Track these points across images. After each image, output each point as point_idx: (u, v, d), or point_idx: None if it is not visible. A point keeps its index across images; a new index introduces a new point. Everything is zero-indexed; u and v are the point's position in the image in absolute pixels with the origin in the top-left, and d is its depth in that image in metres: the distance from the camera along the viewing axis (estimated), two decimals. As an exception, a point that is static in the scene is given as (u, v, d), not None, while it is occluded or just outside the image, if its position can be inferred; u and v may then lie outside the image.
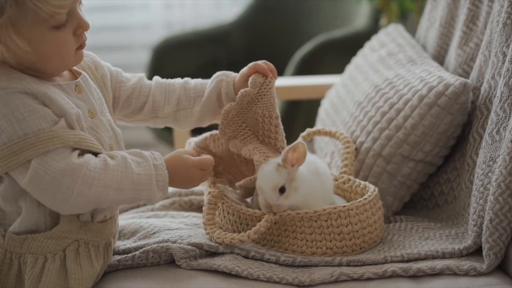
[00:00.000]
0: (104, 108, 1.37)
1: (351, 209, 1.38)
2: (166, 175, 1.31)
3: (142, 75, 1.50)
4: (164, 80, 1.51)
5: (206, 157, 1.37)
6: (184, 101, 1.48)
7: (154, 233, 1.43)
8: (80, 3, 1.29)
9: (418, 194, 1.63)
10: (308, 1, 3.25)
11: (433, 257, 1.36)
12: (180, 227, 1.45)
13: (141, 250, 1.35)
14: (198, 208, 1.65)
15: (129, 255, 1.36)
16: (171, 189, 1.70)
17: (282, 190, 1.36)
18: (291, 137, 1.48)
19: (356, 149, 1.61)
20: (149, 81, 1.49)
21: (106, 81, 1.42)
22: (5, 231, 1.30)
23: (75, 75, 1.36)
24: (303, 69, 2.75)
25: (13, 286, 1.30)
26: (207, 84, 1.49)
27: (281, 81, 2.48)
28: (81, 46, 1.30)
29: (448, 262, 1.33)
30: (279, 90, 2.36)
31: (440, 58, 1.77)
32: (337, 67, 2.53)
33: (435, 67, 1.64)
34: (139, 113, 1.48)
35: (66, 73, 1.36)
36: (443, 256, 1.36)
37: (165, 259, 1.36)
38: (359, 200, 1.40)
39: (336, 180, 1.53)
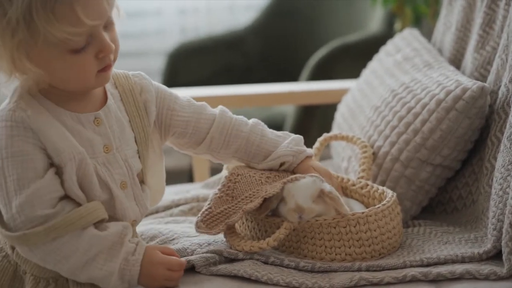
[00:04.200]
0: (123, 142, 1.32)
1: (370, 216, 1.38)
2: (136, 271, 1.26)
3: (204, 105, 1.42)
4: (229, 117, 1.42)
5: (175, 258, 1.31)
6: (243, 153, 1.42)
7: (173, 239, 1.44)
8: (110, 23, 1.24)
9: (436, 199, 1.62)
10: (322, 6, 3.26)
11: (453, 262, 1.36)
12: (200, 234, 1.45)
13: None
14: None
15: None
16: (189, 195, 1.72)
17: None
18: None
19: (373, 153, 1.61)
20: (211, 113, 1.41)
21: (149, 106, 1.35)
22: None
23: (106, 96, 1.32)
24: (318, 74, 2.75)
25: None
26: (272, 145, 1.42)
27: (296, 86, 2.49)
28: (105, 68, 1.25)
29: (468, 267, 1.32)
30: (295, 95, 2.38)
31: (456, 62, 1.77)
32: (352, 72, 2.53)
33: (452, 71, 1.64)
34: (194, 148, 1.42)
35: (99, 91, 1.32)
36: (462, 260, 1.36)
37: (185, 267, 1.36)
38: (377, 206, 1.40)
39: (353, 185, 1.53)
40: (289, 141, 1.44)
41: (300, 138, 1.46)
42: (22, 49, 1.19)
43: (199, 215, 1.39)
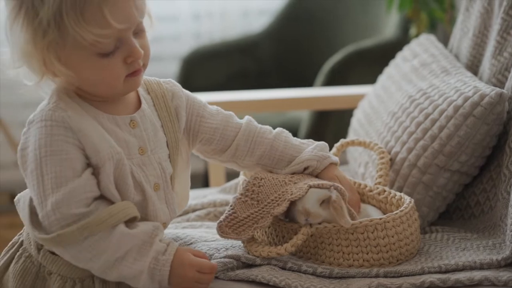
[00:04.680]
0: (157, 145, 1.34)
1: (388, 222, 1.37)
2: (166, 271, 1.26)
3: (231, 114, 1.44)
4: (255, 126, 1.44)
5: (206, 261, 1.31)
6: (267, 159, 1.43)
7: (191, 243, 1.44)
8: (141, 31, 1.26)
9: (453, 205, 1.62)
10: (337, 11, 3.26)
11: (471, 268, 1.35)
12: (217, 238, 1.45)
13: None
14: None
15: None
16: (206, 200, 1.72)
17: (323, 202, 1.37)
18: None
19: (390, 159, 1.61)
20: (237, 122, 1.43)
21: (180, 112, 1.38)
22: (42, 245, 1.31)
23: (140, 102, 1.34)
24: (333, 79, 2.75)
25: None
26: (296, 150, 1.43)
27: (312, 92, 2.49)
28: (134, 73, 1.27)
29: (486, 273, 1.32)
30: (310, 100, 2.38)
31: (473, 68, 1.77)
32: (367, 77, 2.53)
33: (470, 77, 1.64)
34: (219, 155, 1.44)
35: (133, 96, 1.34)
36: (481, 267, 1.35)
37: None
38: (395, 212, 1.40)
39: (371, 191, 1.53)
40: (313, 147, 1.45)
41: (325, 144, 1.46)
42: (53, 50, 1.22)
43: (223, 220, 1.38)
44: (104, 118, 1.29)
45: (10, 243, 1.37)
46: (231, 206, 1.40)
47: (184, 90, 1.41)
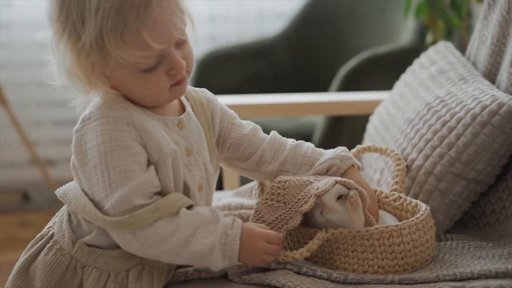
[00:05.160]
0: (202, 147, 1.38)
1: (404, 228, 1.37)
2: (236, 245, 1.29)
3: (258, 127, 1.49)
4: (279, 137, 1.49)
5: (273, 232, 1.34)
6: (289, 164, 1.45)
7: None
8: (182, 42, 1.29)
9: (469, 213, 1.62)
10: (353, 16, 3.26)
11: (486, 277, 1.35)
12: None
13: (194, 268, 1.37)
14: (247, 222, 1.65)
15: (182, 270, 1.38)
16: (221, 203, 1.72)
17: (339, 197, 1.37)
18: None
19: (407, 166, 1.61)
20: (263, 135, 1.48)
21: (215, 117, 1.43)
22: (76, 239, 1.33)
23: (183, 107, 1.38)
24: (348, 85, 2.75)
25: None
26: (318, 154, 1.46)
27: (326, 97, 2.49)
28: (178, 83, 1.30)
29: (502, 282, 1.31)
30: (324, 105, 2.38)
31: (491, 76, 1.76)
32: (382, 83, 2.53)
33: (488, 86, 1.64)
34: (244, 162, 1.47)
35: (176, 102, 1.38)
36: (496, 276, 1.35)
37: (218, 275, 1.37)
38: (411, 219, 1.40)
39: (386, 197, 1.53)
40: (335, 149, 1.47)
41: (345, 148, 1.48)
42: (97, 70, 1.27)
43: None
44: (154, 118, 1.32)
45: (39, 235, 1.39)
46: (256, 211, 1.40)
47: (217, 99, 1.46)
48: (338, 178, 1.37)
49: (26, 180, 3.40)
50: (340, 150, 1.47)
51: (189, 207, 1.32)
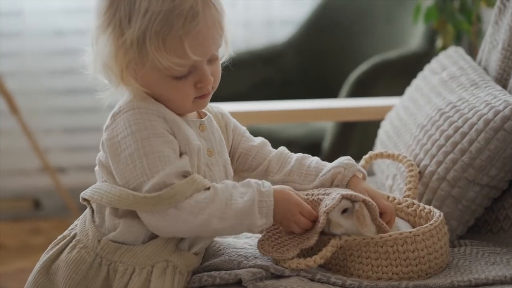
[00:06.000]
0: (223, 149, 1.44)
1: (417, 235, 1.37)
2: (271, 202, 1.33)
3: (267, 141, 1.54)
4: (287, 151, 1.53)
5: (309, 206, 1.38)
6: (295, 175, 1.48)
7: (220, 250, 1.45)
8: (215, 59, 1.35)
9: (482, 218, 1.61)
10: (362, 22, 3.25)
11: (501, 283, 1.34)
12: (245, 247, 1.46)
13: (208, 274, 1.37)
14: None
15: (196, 276, 1.38)
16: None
17: (344, 211, 1.37)
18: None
19: (419, 172, 1.61)
20: (271, 149, 1.53)
21: (228, 129, 1.49)
22: (101, 236, 1.36)
23: (201, 115, 1.43)
24: (358, 91, 2.75)
25: None
26: (323, 165, 1.48)
27: (336, 103, 2.49)
28: (202, 96, 1.36)
29: (517, 288, 1.32)
30: (334, 111, 2.37)
31: (503, 81, 1.76)
32: (392, 89, 2.53)
33: (500, 91, 1.64)
34: (251, 173, 1.51)
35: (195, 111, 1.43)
36: (511, 281, 1.34)
37: (232, 281, 1.37)
38: (425, 226, 1.40)
39: (399, 203, 1.53)
40: (339, 159, 1.48)
41: (349, 157, 1.49)
42: (131, 68, 1.32)
43: (265, 239, 1.40)
44: (177, 118, 1.36)
45: (61, 236, 1.42)
46: (275, 226, 1.40)
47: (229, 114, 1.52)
48: (344, 192, 1.37)
49: (37, 187, 3.41)
50: (344, 158, 1.48)
51: None
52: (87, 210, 1.41)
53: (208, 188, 1.33)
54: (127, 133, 1.32)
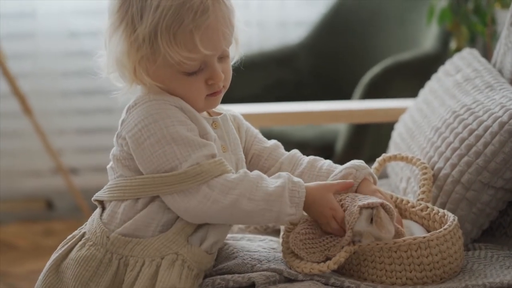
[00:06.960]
0: (238, 148, 1.45)
1: (432, 240, 1.36)
2: (303, 192, 1.34)
3: (280, 144, 1.55)
4: (299, 154, 1.53)
5: (342, 211, 1.38)
6: (307, 177, 1.48)
7: (233, 253, 1.44)
8: (225, 56, 1.37)
9: (496, 221, 1.60)
10: (375, 23, 3.24)
11: (517, 287, 1.34)
12: (259, 250, 1.45)
13: (221, 277, 1.37)
14: (273, 231, 1.65)
15: (209, 279, 1.38)
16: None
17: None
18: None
19: (433, 175, 1.60)
20: (284, 151, 1.54)
21: (241, 131, 1.50)
22: (110, 233, 1.37)
23: (211, 116, 1.44)
24: (371, 92, 2.73)
25: (107, 286, 1.36)
26: (335, 168, 1.48)
27: (349, 105, 2.48)
28: (214, 94, 1.38)
29: (532, 293, 1.30)
30: (348, 113, 2.36)
31: (517, 83, 1.75)
32: (406, 90, 2.51)
33: (515, 93, 1.62)
34: (264, 172, 1.49)
35: (205, 112, 1.44)
36: (526, 286, 1.34)
37: (245, 284, 1.37)
38: (439, 230, 1.39)
39: (413, 207, 1.51)
40: (351, 161, 1.48)
41: (362, 161, 1.49)
42: (143, 64, 1.35)
43: (300, 234, 1.38)
44: (193, 109, 1.38)
45: (70, 235, 1.43)
46: (309, 224, 1.39)
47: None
48: (360, 203, 1.36)
49: (50, 188, 3.41)
50: (356, 161, 1.48)
51: None
52: (97, 210, 1.42)
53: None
54: (149, 122, 1.33)
